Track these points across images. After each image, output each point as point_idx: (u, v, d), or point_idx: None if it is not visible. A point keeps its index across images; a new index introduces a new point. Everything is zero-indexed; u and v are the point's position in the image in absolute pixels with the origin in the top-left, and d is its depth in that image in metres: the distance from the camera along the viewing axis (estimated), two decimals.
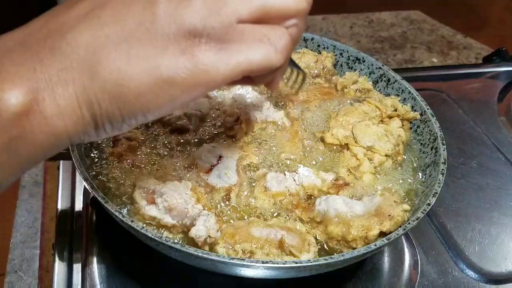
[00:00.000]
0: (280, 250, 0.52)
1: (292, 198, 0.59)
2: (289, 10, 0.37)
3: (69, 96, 0.33)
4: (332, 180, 0.62)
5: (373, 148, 0.65)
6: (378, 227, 0.53)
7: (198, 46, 0.34)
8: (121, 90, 0.34)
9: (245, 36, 0.35)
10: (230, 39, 0.34)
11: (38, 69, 0.33)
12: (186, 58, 0.34)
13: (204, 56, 0.34)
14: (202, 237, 0.51)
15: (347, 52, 0.80)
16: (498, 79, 1.06)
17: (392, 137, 0.67)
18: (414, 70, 1.10)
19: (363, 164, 0.64)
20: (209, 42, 0.34)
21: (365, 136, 0.66)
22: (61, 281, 0.61)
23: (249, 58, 0.35)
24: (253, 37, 0.35)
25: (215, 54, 0.34)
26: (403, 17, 1.33)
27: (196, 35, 0.34)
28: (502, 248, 0.71)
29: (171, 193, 0.54)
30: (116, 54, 0.33)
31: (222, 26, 0.34)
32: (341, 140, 0.66)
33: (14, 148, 0.33)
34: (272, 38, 0.36)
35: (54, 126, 0.33)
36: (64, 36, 0.33)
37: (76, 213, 0.69)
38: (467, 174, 0.83)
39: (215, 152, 0.62)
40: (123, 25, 0.33)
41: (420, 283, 0.65)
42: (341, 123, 0.68)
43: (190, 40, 0.34)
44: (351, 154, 0.65)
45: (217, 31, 0.34)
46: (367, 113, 0.70)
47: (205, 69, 0.34)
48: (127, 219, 0.49)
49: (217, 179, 0.59)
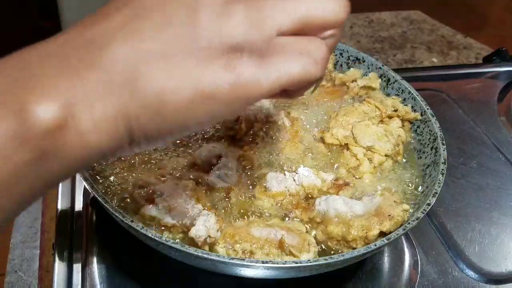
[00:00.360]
0: (280, 250, 0.52)
1: (292, 198, 0.59)
2: (329, 22, 0.36)
3: (106, 111, 0.32)
4: (332, 180, 0.62)
5: (373, 148, 0.65)
6: (378, 227, 0.53)
7: (239, 60, 0.33)
8: (161, 106, 0.33)
9: (285, 49, 0.35)
10: (271, 52, 0.34)
11: (75, 82, 0.32)
12: (227, 72, 0.33)
13: (246, 71, 0.33)
14: (202, 237, 0.51)
15: (347, 52, 0.80)
16: (498, 79, 1.06)
17: (392, 137, 0.67)
18: (414, 70, 1.09)
19: (363, 164, 0.64)
20: (251, 56, 0.33)
21: (365, 136, 0.66)
22: (61, 281, 0.61)
23: (289, 71, 0.35)
24: (293, 50, 0.35)
25: (256, 68, 0.34)
26: (403, 17, 1.33)
27: (238, 49, 0.33)
28: (502, 248, 0.71)
29: (171, 193, 0.54)
30: (157, 69, 0.32)
31: (263, 39, 0.33)
32: (341, 140, 0.66)
33: (45, 162, 0.31)
34: (312, 51, 0.35)
35: (88, 141, 0.32)
36: (102, 48, 0.32)
37: (76, 213, 0.69)
38: (467, 174, 0.83)
39: (214, 152, 0.62)
40: (164, 38, 0.33)
41: (420, 283, 0.65)
42: (341, 123, 0.68)
43: (232, 54, 0.33)
44: (351, 154, 0.65)
45: (258, 44, 0.33)
46: (366, 113, 0.70)
47: (247, 83, 0.34)
48: (127, 219, 0.49)
49: (216, 179, 0.59)
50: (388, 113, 0.70)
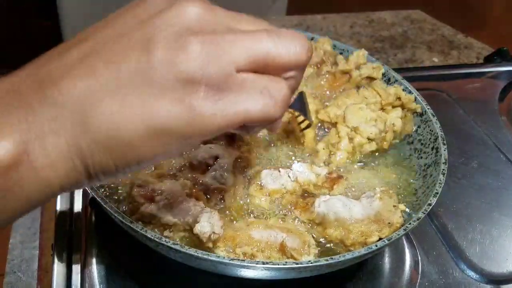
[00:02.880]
0: (281, 253, 0.52)
1: (290, 197, 0.59)
2: (289, 62, 0.36)
3: (61, 147, 0.32)
4: (326, 174, 0.62)
5: (357, 130, 0.66)
6: (377, 234, 0.54)
7: (195, 94, 0.32)
8: (114, 141, 0.32)
9: (244, 86, 0.34)
10: (229, 88, 0.33)
11: (30, 118, 0.31)
12: (183, 107, 0.32)
13: (201, 106, 0.33)
14: (207, 233, 0.51)
15: (347, 51, 0.80)
16: (499, 79, 1.06)
17: (381, 123, 0.67)
18: (414, 69, 1.09)
19: (342, 141, 0.65)
20: (207, 91, 0.33)
21: (354, 117, 0.67)
22: (60, 281, 0.60)
23: (247, 109, 0.34)
24: (253, 88, 0.34)
25: (213, 104, 0.33)
26: (403, 17, 1.33)
27: (195, 84, 0.32)
28: (503, 248, 0.71)
29: (171, 192, 0.54)
30: (110, 104, 0.32)
31: (221, 75, 0.33)
32: (332, 118, 0.68)
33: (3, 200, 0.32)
34: (272, 91, 0.35)
35: (45, 177, 0.32)
36: (56, 84, 0.32)
37: (75, 214, 0.69)
38: (468, 174, 0.82)
39: (211, 152, 0.62)
40: (117, 73, 0.32)
41: (421, 284, 0.65)
42: (338, 103, 0.69)
43: (188, 88, 0.32)
44: (335, 132, 0.67)
45: (215, 80, 0.33)
46: (366, 97, 0.70)
47: (202, 119, 0.33)
48: (127, 219, 0.49)
49: (212, 180, 0.59)
50: (389, 101, 0.70)
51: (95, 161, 0.33)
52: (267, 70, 0.35)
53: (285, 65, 0.36)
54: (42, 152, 0.32)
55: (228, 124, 0.34)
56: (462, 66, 1.12)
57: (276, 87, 0.35)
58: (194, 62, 0.32)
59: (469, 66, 1.12)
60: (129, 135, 0.33)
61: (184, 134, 0.33)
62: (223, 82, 0.33)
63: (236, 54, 0.33)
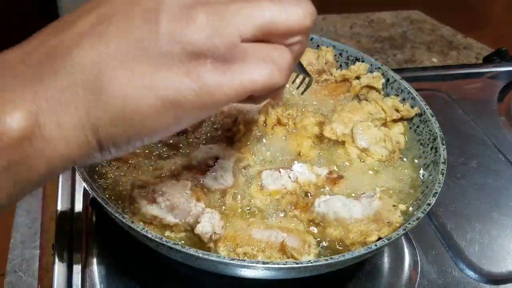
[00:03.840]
0: (281, 253, 0.52)
1: (291, 197, 0.59)
2: (293, 28, 0.36)
3: (73, 119, 0.32)
4: (326, 174, 0.62)
5: (368, 151, 0.65)
6: (376, 233, 0.54)
7: (202, 66, 0.33)
8: (126, 113, 0.33)
9: (248, 55, 0.34)
10: (234, 58, 0.34)
11: (40, 89, 0.31)
12: (190, 79, 0.33)
13: (209, 77, 0.33)
14: (208, 233, 0.51)
15: (347, 52, 0.80)
16: (498, 79, 1.06)
17: (390, 143, 0.66)
18: (414, 70, 1.09)
19: (353, 164, 0.64)
20: (214, 62, 0.33)
21: (363, 137, 0.66)
22: (61, 281, 0.61)
23: (253, 78, 0.35)
24: (257, 56, 0.35)
25: (219, 75, 0.34)
26: (403, 17, 1.33)
27: (201, 56, 0.33)
28: (502, 248, 0.71)
29: (172, 192, 0.54)
30: (120, 75, 0.32)
31: (226, 46, 0.33)
32: (339, 136, 0.66)
33: (15, 172, 0.31)
34: (275, 58, 0.35)
35: (57, 150, 0.32)
36: (66, 54, 0.32)
37: (76, 214, 0.69)
38: (467, 174, 0.82)
39: (211, 153, 0.62)
40: (127, 43, 0.32)
41: (420, 283, 0.65)
42: (343, 119, 0.68)
43: (195, 60, 0.33)
44: (345, 152, 0.66)
45: (221, 51, 0.33)
46: (371, 114, 0.69)
47: (210, 90, 0.34)
48: (127, 219, 0.49)
49: (212, 181, 0.59)
50: (393, 117, 0.70)
51: (107, 133, 0.33)
52: (272, 37, 0.36)
53: (289, 30, 0.36)
54: (53, 125, 0.32)
55: (235, 94, 0.35)
56: (462, 67, 1.12)
57: (279, 54, 0.36)
58: (200, 34, 0.33)
59: (469, 66, 1.12)
60: (141, 107, 0.33)
61: (194, 106, 0.34)
62: (229, 53, 0.34)
63: (241, 24, 0.34)
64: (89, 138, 0.33)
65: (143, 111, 0.33)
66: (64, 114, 0.32)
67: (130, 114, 0.33)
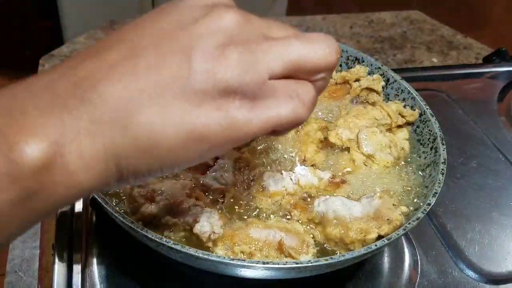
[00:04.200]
0: (279, 252, 0.52)
1: (291, 198, 0.59)
2: (320, 66, 0.37)
3: (97, 150, 0.32)
4: (329, 178, 0.62)
5: (373, 157, 0.65)
6: (376, 231, 0.54)
7: (232, 103, 0.34)
8: (152, 146, 0.33)
9: (276, 92, 0.35)
10: (262, 95, 0.35)
11: (66, 119, 0.31)
12: (220, 115, 0.33)
13: (238, 113, 0.34)
14: (206, 232, 0.51)
15: (346, 52, 0.80)
16: (498, 79, 1.06)
17: (395, 149, 0.66)
18: (414, 70, 1.09)
19: (358, 171, 0.64)
20: (243, 99, 0.34)
21: (369, 143, 0.66)
22: (61, 281, 0.61)
23: (279, 114, 0.35)
24: (284, 93, 0.36)
25: (247, 111, 0.34)
26: (403, 17, 1.33)
27: (231, 93, 0.33)
28: (502, 248, 0.71)
29: (172, 192, 0.54)
30: (150, 109, 0.32)
31: (255, 83, 0.34)
32: (344, 142, 0.66)
33: (31, 202, 0.30)
34: (301, 94, 0.36)
35: (76, 180, 0.32)
36: (94, 86, 0.32)
37: (76, 214, 0.69)
38: (467, 174, 0.82)
39: None
40: (158, 79, 0.32)
41: (420, 283, 0.65)
42: (349, 124, 0.68)
43: (225, 97, 0.33)
44: (350, 159, 0.65)
45: (251, 88, 0.34)
46: (377, 119, 0.69)
47: (238, 125, 0.34)
48: (127, 219, 0.49)
49: (212, 180, 0.59)
50: (398, 123, 0.69)
51: (129, 164, 0.33)
52: (298, 74, 0.37)
53: (315, 68, 0.37)
54: (76, 155, 0.31)
55: (261, 130, 0.35)
56: (461, 67, 1.12)
57: (305, 90, 0.37)
58: (232, 72, 0.33)
59: (468, 66, 1.12)
60: (168, 141, 0.33)
61: (220, 141, 0.34)
62: (257, 89, 0.34)
63: (270, 62, 0.34)
64: (110, 168, 0.33)
65: (169, 145, 0.33)
66: (88, 145, 0.31)
67: (155, 148, 0.33)
